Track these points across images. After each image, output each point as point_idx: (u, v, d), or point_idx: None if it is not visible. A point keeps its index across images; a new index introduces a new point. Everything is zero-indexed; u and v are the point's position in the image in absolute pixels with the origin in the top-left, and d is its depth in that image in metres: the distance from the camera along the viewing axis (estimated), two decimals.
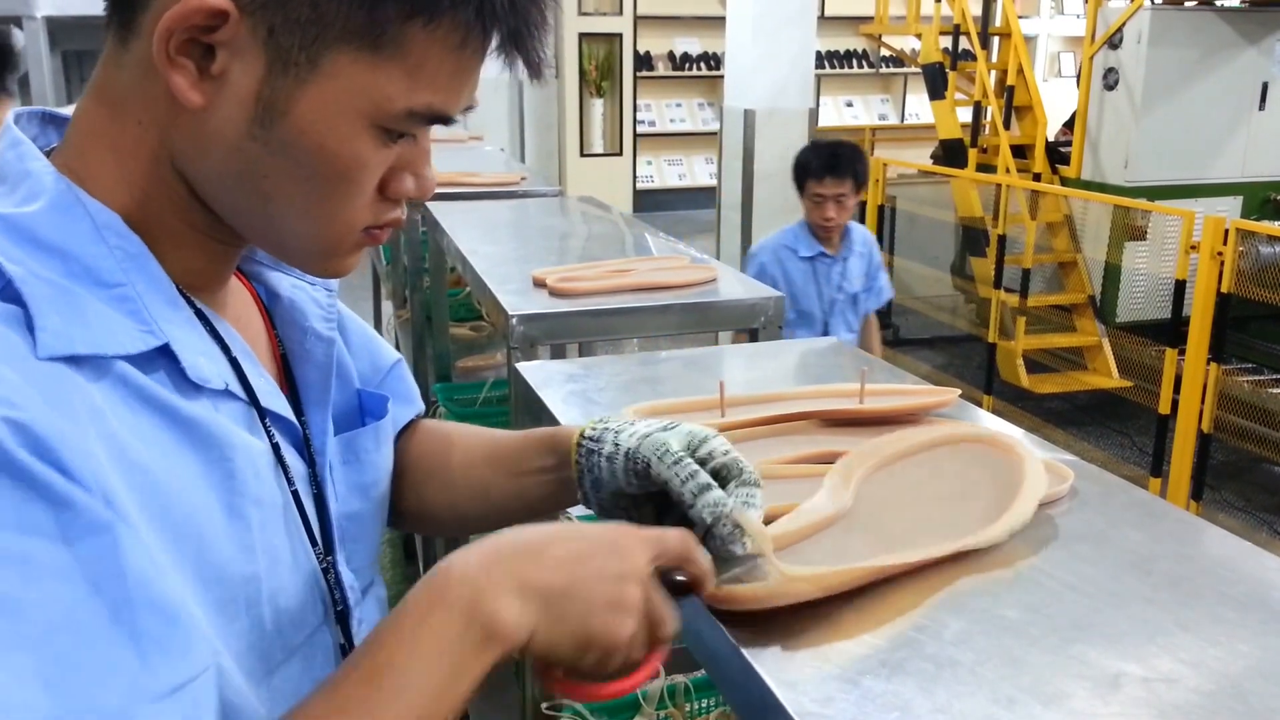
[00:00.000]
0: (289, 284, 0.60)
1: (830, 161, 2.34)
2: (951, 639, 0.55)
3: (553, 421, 0.89)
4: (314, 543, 0.55)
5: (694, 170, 8.36)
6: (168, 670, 0.40)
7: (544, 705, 1.19)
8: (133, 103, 0.48)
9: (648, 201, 7.94)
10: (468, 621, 0.45)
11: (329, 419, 0.59)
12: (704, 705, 1.22)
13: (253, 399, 0.52)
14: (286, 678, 0.51)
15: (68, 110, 0.51)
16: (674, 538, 0.53)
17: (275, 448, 0.53)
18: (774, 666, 0.53)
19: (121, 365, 0.45)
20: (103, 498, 0.40)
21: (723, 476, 0.58)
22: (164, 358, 0.47)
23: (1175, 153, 4.19)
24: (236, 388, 0.51)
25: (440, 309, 2.20)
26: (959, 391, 0.92)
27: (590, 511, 0.64)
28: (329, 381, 0.59)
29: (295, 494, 0.54)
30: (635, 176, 7.91)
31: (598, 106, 7.62)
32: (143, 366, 0.46)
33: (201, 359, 0.49)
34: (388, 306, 3.21)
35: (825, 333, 2.36)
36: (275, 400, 0.54)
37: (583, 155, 7.59)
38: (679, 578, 0.53)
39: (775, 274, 2.38)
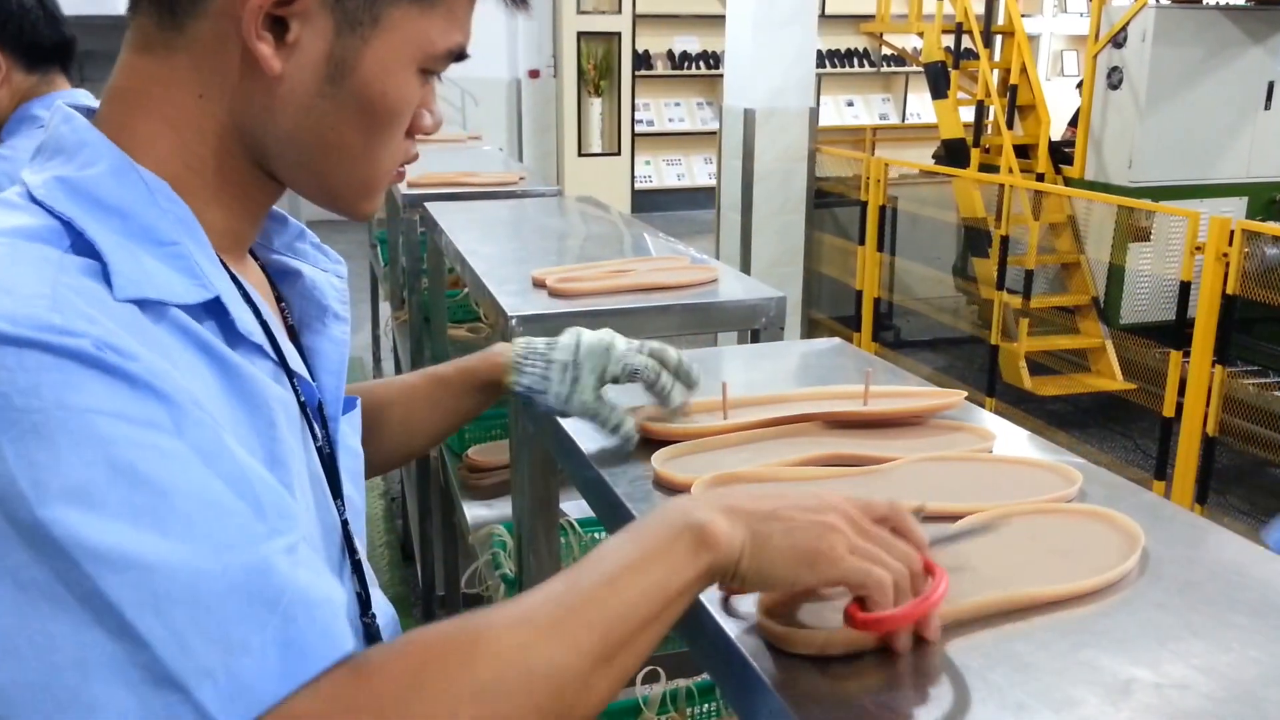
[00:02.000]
0: (308, 267, 0.65)
1: None
2: (959, 643, 0.54)
3: (554, 424, 0.88)
4: (335, 495, 0.60)
5: (693, 170, 8.35)
6: (286, 524, 0.46)
7: None
8: (192, 78, 0.53)
9: (646, 202, 7.93)
10: (681, 528, 0.50)
11: (342, 390, 0.64)
12: (706, 710, 1.20)
13: (281, 359, 0.57)
14: None
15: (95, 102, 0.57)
16: (881, 503, 0.55)
17: (302, 405, 0.58)
18: (780, 674, 0.52)
19: (178, 313, 0.50)
20: (195, 404, 0.46)
21: (645, 381, 0.79)
22: (212, 311, 0.52)
23: (1180, 153, 4.17)
24: (267, 346, 0.56)
25: (438, 310, 2.17)
26: (964, 394, 0.91)
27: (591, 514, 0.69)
28: (344, 356, 0.65)
29: (319, 450, 0.59)
30: (634, 176, 7.89)
31: (596, 106, 7.60)
32: (195, 318, 0.51)
33: (244, 314, 0.54)
34: (385, 308, 3.19)
35: None
36: (298, 364, 0.59)
37: (581, 155, 7.58)
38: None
39: None
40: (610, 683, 0.47)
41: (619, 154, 7.73)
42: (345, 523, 0.61)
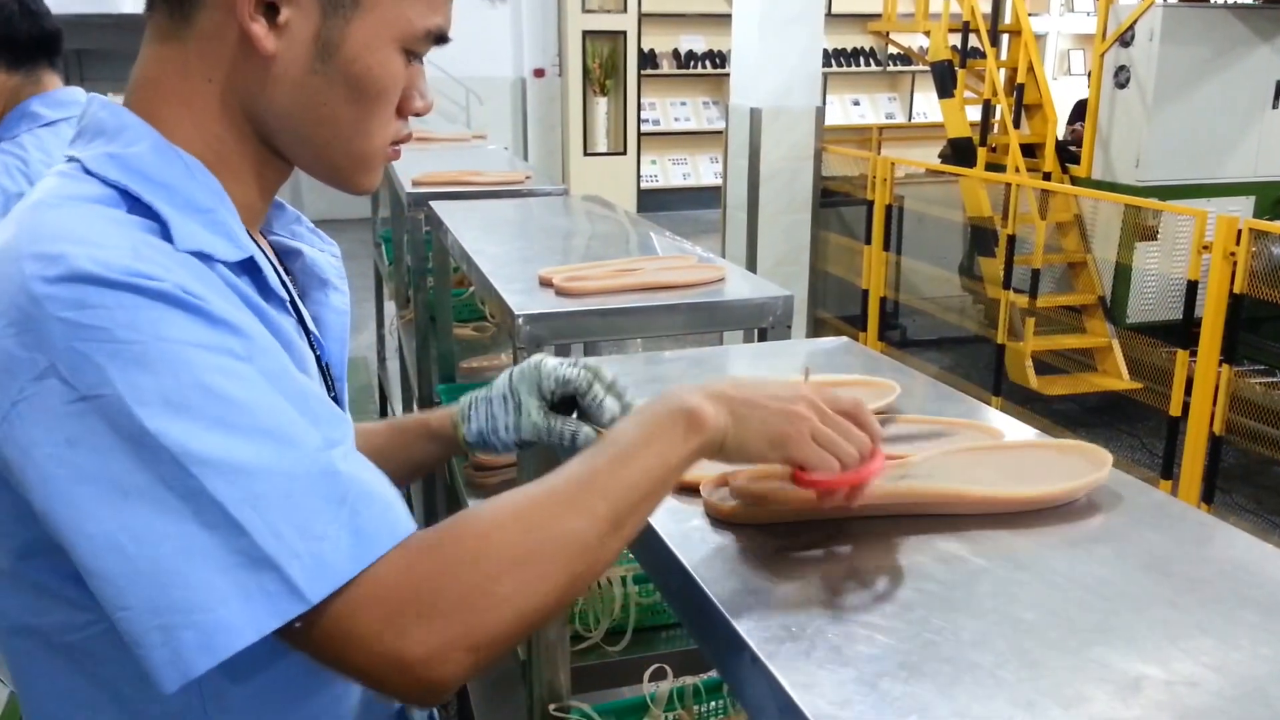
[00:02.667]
0: (307, 247, 0.71)
1: None
2: (970, 641, 0.54)
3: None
4: None
5: (699, 170, 8.33)
6: (341, 433, 0.53)
7: (551, 706, 1.17)
8: (201, 64, 0.59)
9: (652, 201, 7.91)
10: (676, 411, 0.59)
11: (345, 356, 0.71)
12: (713, 707, 1.20)
13: (300, 317, 0.65)
14: None
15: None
16: (846, 397, 0.64)
17: (318, 359, 0.66)
18: (789, 668, 0.52)
19: (223, 268, 0.56)
20: (262, 334, 0.54)
21: (573, 394, 0.78)
22: (246, 271, 0.59)
23: (1187, 152, 4.15)
24: (289, 305, 0.63)
25: (444, 309, 2.17)
26: (898, 389, 0.93)
27: None
28: (345, 325, 0.71)
29: (333, 400, 0.66)
30: (639, 176, 7.88)
31: (601, 105, 7.59)
32: (235, 274, 0.57)
33: (271, 274, 0.61)
34: (390, 307, 3.19)
35: None
36: (312, 325, 0.67)
37: (586, 155, 7.56)
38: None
39: None
40: (619, 544, 0.56)
41: (624, 153, 7.71)
42: None
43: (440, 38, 0.62)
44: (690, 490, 0.73)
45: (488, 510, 0.54)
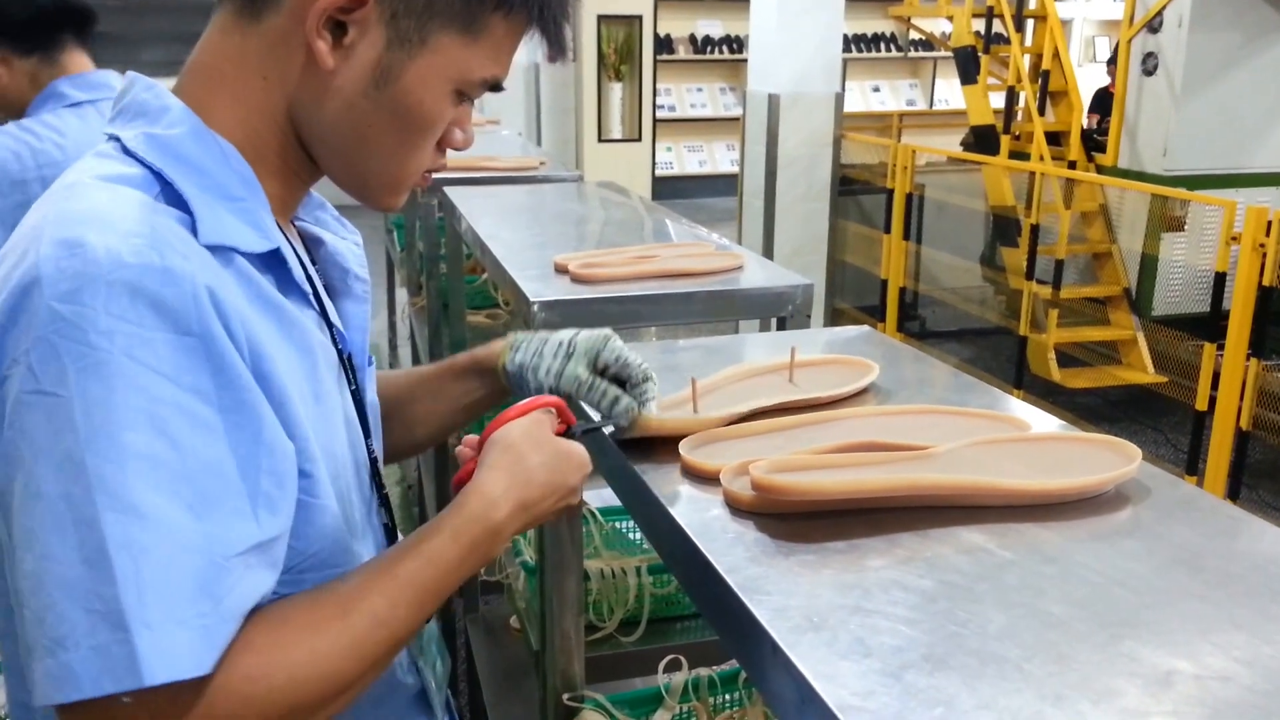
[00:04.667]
0: (329, 235, 0.72)
1: None
2: (996, 634, 0.53)
3: (577, 408, 0.86)
4: (366, 435, 0.69)
5: (715, 157, 8.28)
6: (270, 525, 0.52)
7: (565, 696, 1.16)
8: (261, 63, 0.60)
9: (667, 189, 7.88)
10: (489, 538, 0.63)
11: (366, 345, 0.71)
12: (728, 699, 1.19)
13: (323, 310, 0.65)
14: (364, 547, 0.66)
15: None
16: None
17: (339, 352, 0.66)
18: (812, 659, 0.51)
19: (243, 261, 0.57)
20: (252, 371, 0.53)
21: (622, 378, 0.78)
22: (271, 263, 0.60)
23: (1216, 140, 4.08)
24: (312, 298, 0.64)
25: (457, 296, 2.16)
26: (877, 369, 0.94)
27: None
28: (367, 313, 0.72)
29: (353, 394, 0.68)
30: (654, 163, 7.83)
31: (616, 91, 7.54)
32: (256, 268, 0.58)
33: (296, 267, 0.62)
34: (402, 294, 3.19)
35: None
36: (335, 317, 0.67)
37: (600, 141, 7.52)
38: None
39: None
40: (395, 636, 0.58)
41: (639, 140, 7.66)
42: (375, 460, 0.70)
43: (495, 86, 0.63)
44: (710, 479, 0.72)
45: (280, 628, 0.53)
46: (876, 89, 8.53)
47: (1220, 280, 3.11)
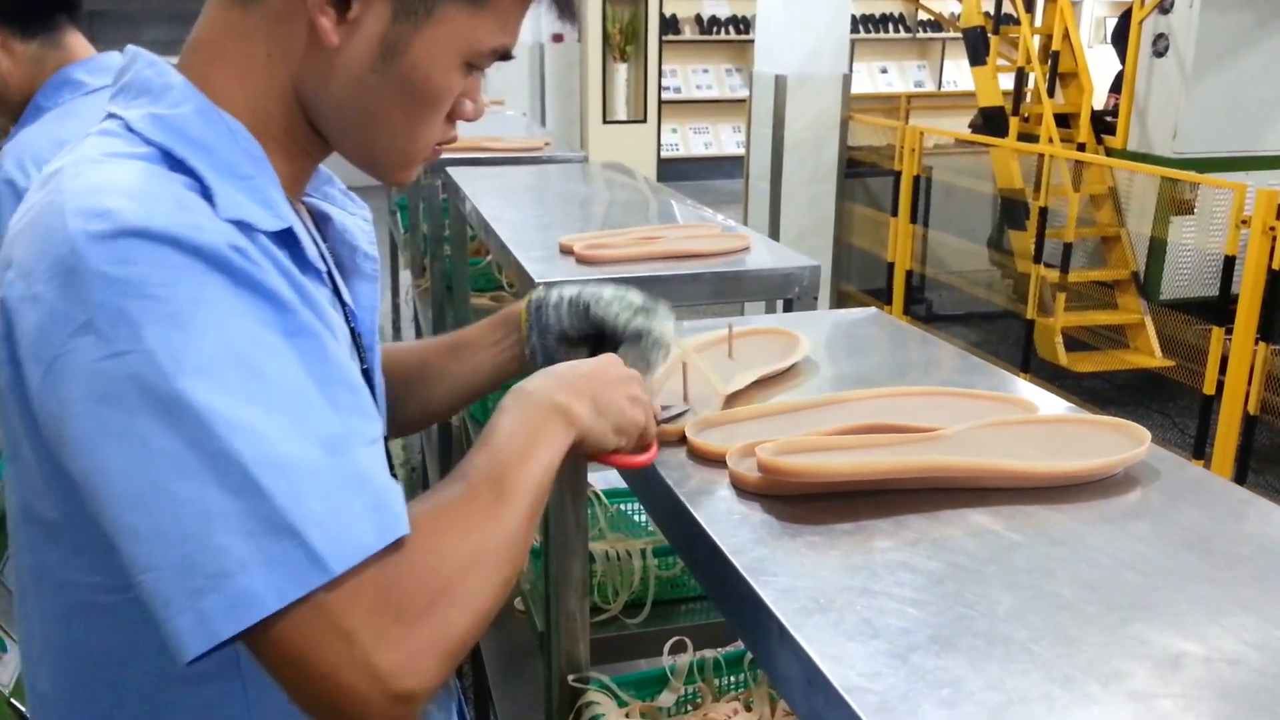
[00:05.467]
0: (337, 211, 0.71)
1: None
2: (1004, 615, 0.53)
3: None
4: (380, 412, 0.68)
5: (720, 139, 8.23)
6: (363, 427, 0.53)
7: (570, 677, 1.17)
8: (265, 39, 0.59)
9: (672, 171, 7.83)
10: (552, 411, 0.62)
11: (375, 323, 0.71)
12: (734, 681, 1.19)
13: (335, 288, 0.65)
14: None
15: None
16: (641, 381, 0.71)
17: (352, 330, 0.66)
18: (819, 640, 0.51)
19: (263, 238, 0.55)
20: (304, 308, 0.53)
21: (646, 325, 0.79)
22: (284, 241, 0.58)
23: (1227, 123, 4.03)
24: (325, 276, 0.63)
25: (461, 278, 2.15)
26: (808, 344, 0.94)
27: None
28: (376, 291, 0.71)
29: (364, 373, 0.67)
30: (659, 145, 7.79)
31: (621, 72, 7.49)
32: (273, 244, 0.56)
33: (310, 245, 0.61)
34: (406, 276, 3.19)
35: None
36: (346, 295, 0.67)
37: (605, 122, 7.47)
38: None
39: None
40: (531, 535, 0.58)
41: (644, 121, 7.62)
42: (385, 439, 0.68)
43: (504, 55, 0.62)
44: (716, 461, 0.72)
45: (426, 518, 0.53)
46: (884, 70, 8.44)
47: (1230, 264, 3.09)
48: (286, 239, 0.58)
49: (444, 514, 0.54)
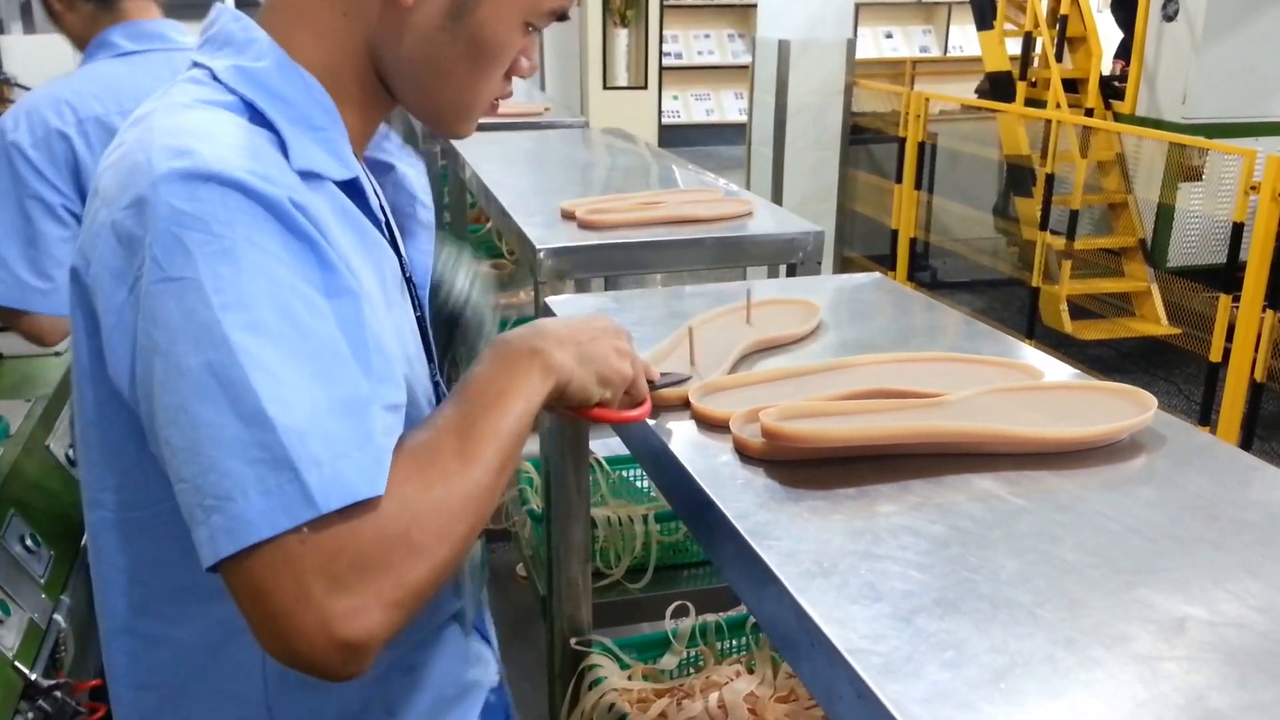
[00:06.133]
0: (399, 163, 0.74)
1: None
2: (1008, 579, 0.53)
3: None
4: (430, 358, 0.71)
5: (722, 105, 8.12)
6: (386, 392, 0.55)
7: (573, 640, 1.18)
8: None
9: (673, 138, 7.73)
10: (529, 356, 0.63)
11: (429, 268, 0.74)
12: (735, 645, 1.20)
13: (392, 235, 0.68)
14: None
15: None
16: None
17: (406, 277, 0.69)
18: (822, 603, 0.51)
19: (331, 186, 0.60)
20: (348, 272, 0.56)
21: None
22: (350, 190, 0.62)
23: (1237, 88, 3.97)
24: (383, 224, 0.66)
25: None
26: (821, 309, 0.94)
27: None
28: (431, 238, 0.75)
29: (419, 319, 0.71)
30: (660, 111, 7.67)
31: (622, 37, 7.36)
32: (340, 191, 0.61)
33: (373, 195, 0.65)
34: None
35: None
36: (401, 244, 0.70)
37: (605, 88, 7.36)
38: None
39: None
40: (504, 487, 0.59)
41: (645, 87, 7.50)
42: (437, 384, 0.72)
43: (562, 16, 0.66)
44: (719, 427, 0.71)
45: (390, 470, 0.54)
46: (889, 35, 8.30)
47: (1238, 230, 3.05)
48: (350, 188, 0.62)
49: (408, 463, 0.54)
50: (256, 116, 0.58)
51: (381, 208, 0.68)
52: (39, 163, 1.22)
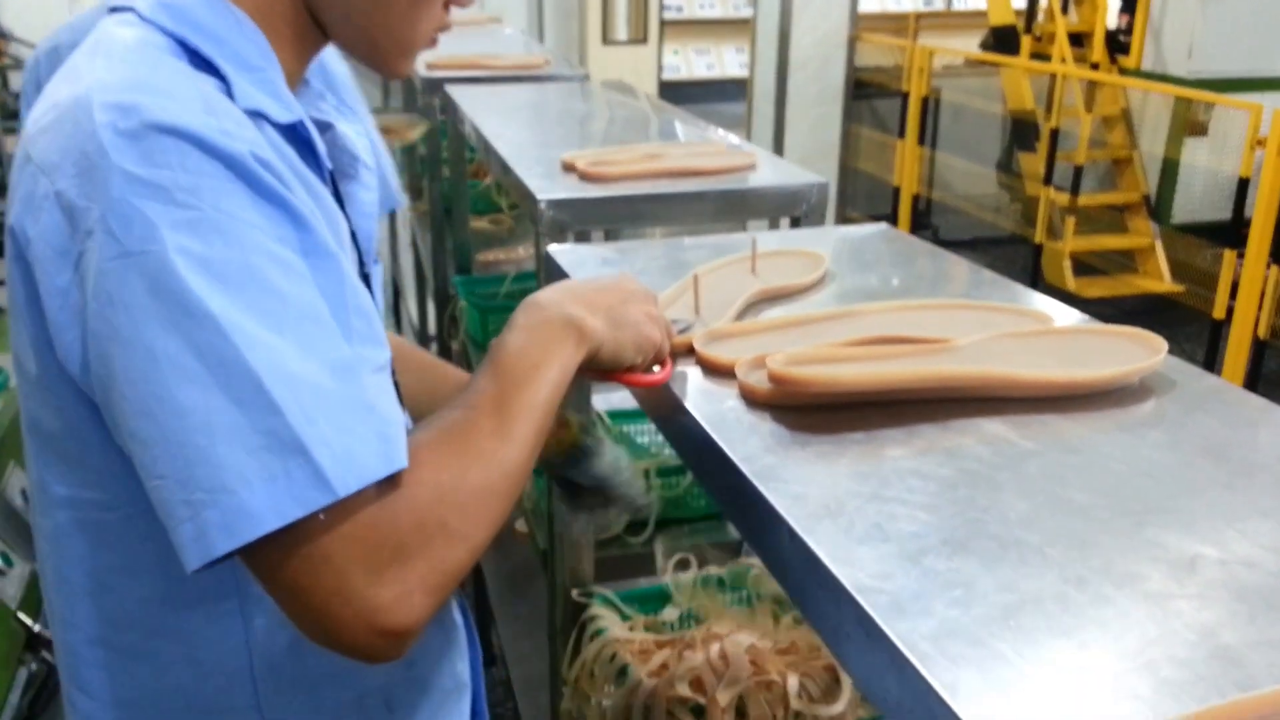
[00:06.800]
0: (338, 120, 0.69)
1: None
2: (1017, 520, 0.53)
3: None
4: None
5: (723, 60, 7.99)
6: (370, 353, 0.52)
7: (574, 591, 1.19)
8: None
9: (674, 94, 7.61)
10: (564, 325, 0.61)
11: (374, 232, 0.70)
12: (736, 598, 1.21)
13: (335, 190, 0.63)
14: None
15: None
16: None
17: (351, 234, 0.64)
18: (829, 544, 0.51)
19: (273, 131, 0.55)
20: (322, 228, 0.52)
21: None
22: (293, 136, 0.57)
23: (1244, 42, 3.91)
24: (328, 176, 0.61)
25: (460, 200, 2.11)
26: (827, 259, 0.93)
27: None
28: (375, 201, 0.70)
29: (365, 277, 0.66)
30: (660, 66, 7.55)
31: None
32: (282, 138, 0.56)
33: (318, 142, 0.59)
34: (403, 199, 3.12)
35: None
36: (344, 200, 0.65)
37: (605, 43, 7.23)
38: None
39: None
40: (534, 460, 0.57)
41: (645, 42, 7.37)
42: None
43: None
44: (725, 373, 0.70)
45: (426, 450, 0.52)
46: None
47: (1243, 186, 3.03)
48: (292, 135, 0.57)
49: (444, 446, 0.52)
50: (195, 59, 0.53)
51: (328, 158, 0.63)
52: None
